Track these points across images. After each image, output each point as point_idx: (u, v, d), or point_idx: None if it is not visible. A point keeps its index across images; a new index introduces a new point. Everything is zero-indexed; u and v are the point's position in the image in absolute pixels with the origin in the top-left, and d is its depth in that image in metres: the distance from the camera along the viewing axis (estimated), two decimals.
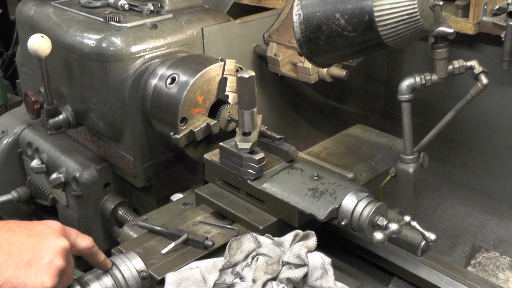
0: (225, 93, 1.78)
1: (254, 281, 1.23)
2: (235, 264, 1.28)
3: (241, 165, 1.48)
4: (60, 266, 1.07)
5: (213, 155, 1.59)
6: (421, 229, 1.30)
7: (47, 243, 1.08)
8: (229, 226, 1.45)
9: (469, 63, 1.76)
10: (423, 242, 1.39)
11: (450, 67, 1.76)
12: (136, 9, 2.07)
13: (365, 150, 2.09)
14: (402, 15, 1.49)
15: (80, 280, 1.21)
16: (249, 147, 1.47)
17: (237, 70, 1.80)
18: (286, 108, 2.71)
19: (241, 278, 1.26)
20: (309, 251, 1.24)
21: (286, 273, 1.22)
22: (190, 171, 2.10)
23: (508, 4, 1.88)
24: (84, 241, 1.17)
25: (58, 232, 1.12)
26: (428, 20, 1.54)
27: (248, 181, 1.47)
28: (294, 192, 1.40)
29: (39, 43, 1.83)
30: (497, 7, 1.91)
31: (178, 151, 1.93)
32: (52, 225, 1.12)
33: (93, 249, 1.19)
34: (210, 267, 1.26)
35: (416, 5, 1.48)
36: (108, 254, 1.34)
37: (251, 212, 1.47)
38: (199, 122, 1.78)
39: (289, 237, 1.29)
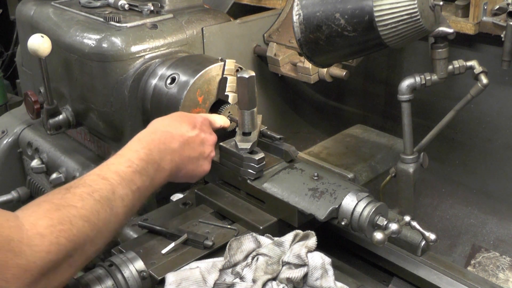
0: (225, 93, 1.78)
1: (254, 281, 1.23)
2: (235, 264, 1.28)
3: (241, 165, 1.48)
4: (213, 155, 1.51)
5: None
6: (421, 229, 1.30)
7: (207, 145, 1.48)
8: (229, 226, 1.45)
9: (469, 63, 1.76)
10: (423, 242, 1.39)
11: (450, 67, 1.76)
12: (136, 9, 2.07)
13: (365, 150, 2.09)
14: (402, 15, 1.49)
15: (80, 280, 1.21)
16: (249, 147, 1.47)
17: (237, 70, 1.80)
18: (286, 108, 2.71)
19: (241, 278, 1.26)
20: (309, 251, 1.24)
21: (286, 273, 1.22)
22: None
23: (508, 4, 1.88)
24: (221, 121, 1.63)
25: (213, 141, 1.51)
26: (428, 20, 1.54)
27: (248, 181, 1.47)
28: (294, 192, 1.40)
29: (39, 43, 1.83)
30: (497, 7, 1.91)
31: None
32: (210, 140, 1.50)
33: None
34: (210, 267, 1.26)
35: (416, 5, 1.48)
36: (108, 254, 1.34)
37: (251, 212, 1.47)
38: None
39: (289, 237, 1.29)
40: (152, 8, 2.03)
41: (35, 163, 2.30)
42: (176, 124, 1.44)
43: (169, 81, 1.78)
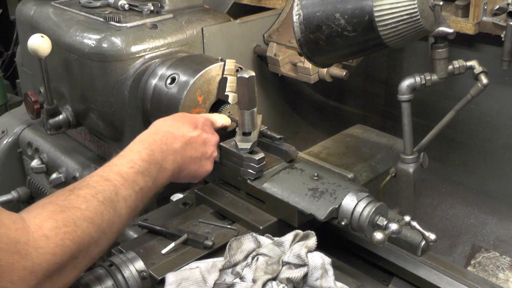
0: (225, 93, 1.78)
1: (254, 281, 1.23)
2: (235, 264, 1.28)
3: (241, 165, 1.48)
4: (216, 155, 1.51)
5: None
6: (421, 229, 1.30)
7: (209, 145, 1.49)
8: (229, 226, 1.45)
9: (469, 63, 1.76)
10: (423, 242, 1.39)
11: (450, 67, 1.76)
12: (136, 9, 2.07)
13: (365, 150, 2.09)
14: (402, 15, 1.49)
15: (80, 280, 1.21)
16: (249, 147, 1.47)
17: (237, 70, 1.80)
18: (286, 108, 2.71)
19: (241, 278, 1.26)
20: (309, 251, 1.24)
21: (286, 273, 1.22)
22: None
23: (508, 4, 1.88)
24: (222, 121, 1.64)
25: (216, 141, 1.51)
26: (428, 20, 1.54)
27: (248, 181, 1.47)
28: (294, 192, 1.40)
29: (39, 43, 1.83)
30: (497, 7, 1.91)
31: None
32: (212, 140, 1.50)
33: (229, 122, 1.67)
34: (210, 267, 1.26)
35: (416, 5, 1.48)
36: (108, 254, 1.34)
37: (251, 212, 1.47)
38: None
39: (289, 237, 1.29)
40: (152, 8, 2.03)
41: (35, 163, 2.30)
42: (178, 125, 1.45)
43: (169, 81, 1.78)
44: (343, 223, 1.33)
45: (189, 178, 1.48)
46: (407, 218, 1.30)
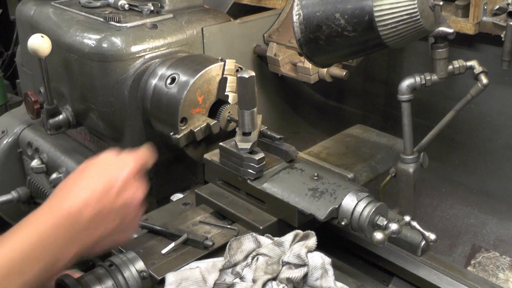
0: (225, 93, 1.78)
1: (254, 281, 1.23)
2: (235, 264, 1.28)
3: (241, 165, 1.48)
4: (140, 215, 1.27)
5: (213, 155, 1.59)
6: (421, 229, 1.30)
7: (131, 207, 1.22)
8: (229, 226, 1.45)
9: (469, 63, 1.76)
10: (423, 242, 1.39)
11: (450, 67, 1.76)
12: (136, 9, 2.07)
13: (365, 150, 2.09)
14: (402, 15, 1.49)
15: (80, 280, 1.21)
16: (249, 147, 1.47)
17: (237, 70, 1.80)
18: (286, 108, 2.71)
19: (241, 278, 1.26)
20: (309, 251, 1.24)
21: (286, 273, 1.22)
22: (190, 171, 2.10)
23: (508, 4, 1.88)
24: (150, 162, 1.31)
25: (141, 197, 1.24)
26: (428, 20, 1.54)
27: (248, 181, 1.47)
28: (294, 192, 1.40)
29: (39, 43, 1.84)
30: (497, 7, 1.91)
31: (178, 151, 1.92)
32: (135, 198, 1.22)
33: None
34: (210, 267, 1.26)
35: (416, 5, 1.48)
36: (108, 254, 1.34)
37: (251, 212, 1.47)
38: (199, 122, 1.78)
39: (289, 237, 1.29)
40: (152, 8, 2.03)
41: (35, 163, 2.30)
42: (86, 191, 1.15)
43: (169, 81, 1.79)
44: (343, 223, 1.33)
45: (104, 250, 1.24)
46: (407, 218, 1.30)
